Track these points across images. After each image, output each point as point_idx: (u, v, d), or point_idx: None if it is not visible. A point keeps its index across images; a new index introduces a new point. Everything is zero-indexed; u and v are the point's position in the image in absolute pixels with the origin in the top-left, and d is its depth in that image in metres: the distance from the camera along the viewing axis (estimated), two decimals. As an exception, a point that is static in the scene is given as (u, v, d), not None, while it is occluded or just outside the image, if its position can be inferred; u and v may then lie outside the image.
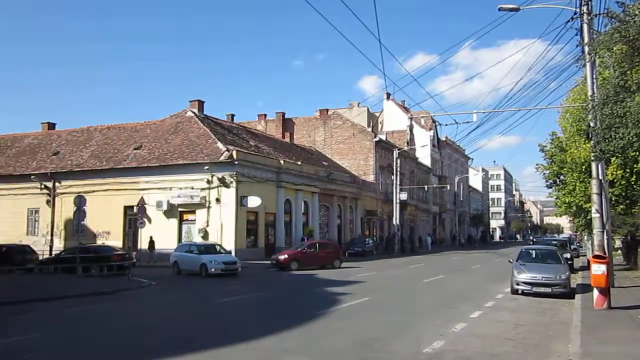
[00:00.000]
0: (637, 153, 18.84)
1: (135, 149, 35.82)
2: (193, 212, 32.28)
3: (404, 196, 53.71)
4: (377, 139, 54.73)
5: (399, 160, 52.91)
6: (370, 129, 56.66)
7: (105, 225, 33.68)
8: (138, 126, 39.26)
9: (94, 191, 32.75)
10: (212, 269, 22.90)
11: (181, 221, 32.80)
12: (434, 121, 70.55)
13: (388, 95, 68.29)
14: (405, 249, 50.50)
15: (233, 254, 28.59)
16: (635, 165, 22.31)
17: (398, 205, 51.55)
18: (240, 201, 31.42)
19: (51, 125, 45.48)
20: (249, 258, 30.12)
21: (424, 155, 68.17)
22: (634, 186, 23.53)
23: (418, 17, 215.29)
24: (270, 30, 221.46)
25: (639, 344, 9.33)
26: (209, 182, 31.50)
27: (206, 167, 31.16)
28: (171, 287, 20.36)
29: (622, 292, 16.20)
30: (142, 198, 29.13)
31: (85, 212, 26.98)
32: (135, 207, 29.85)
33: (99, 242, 32.25)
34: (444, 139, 78.02)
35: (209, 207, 31.59)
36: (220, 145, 32.59)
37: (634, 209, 23.58)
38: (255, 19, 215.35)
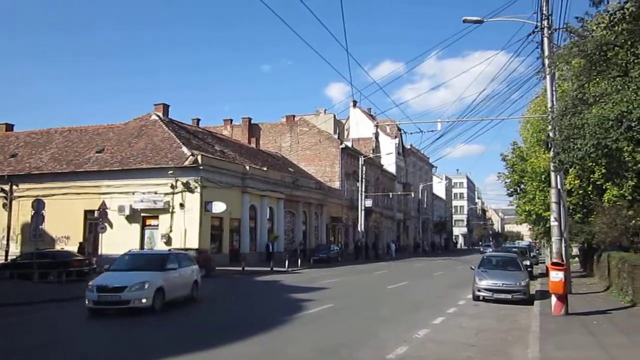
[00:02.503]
0: (594, 164, 19.45)
1: (97, 152, 35.07)
2: (156, 217, 31.75)
3: (369, 203, 54.11)
4: (343, 145, 55.04)
5: (364, 168, 53.31)
6: (336, 136, 56.95)
7: (65, 230, 32.80)
8: (100, 129, 38.48)
9: (53, 195, 31.89)
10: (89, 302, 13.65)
11: (144, 226, 32.23)
12: (399, 129, 71.29)
13: (355, 102, 68.79)
14: (369, 256, 50.79)
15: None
16: (592, 176, 23.02)
17: (363, 212, 51.88)
18: (205, 206, 31.09)
19: (9, 127, 44.18)
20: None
21: (389, 162, 68.84)
22: (591, 195, 24.29)
23: (385, 25, 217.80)
24: (238, 35, 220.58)
25: (593, 349, 9.61)
26: (173, 186, 31.07)
27: (170, 172, 30.74)
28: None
29: (579, 299, 16.66)
30: (103, 202, 28.52)
31: (44, 216, 26.26)
32: (96, 212, 29.20)
33: (58, 247, 31.36)
34: (409, 147, 78.97)
35: (172, 212, 31.13)
36: (185, 149, 32.22)
37: (591, 217, 24.31)
38: (222, 23, 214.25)
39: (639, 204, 22.00)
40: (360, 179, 52.76)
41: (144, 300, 13.22)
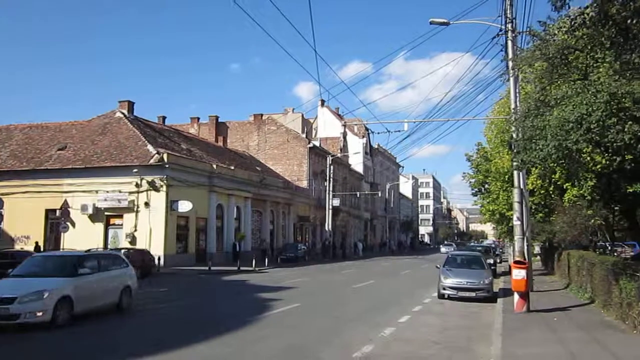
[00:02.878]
0: (555, 164, 19.90)
1: (59, 149, 34.22)
2: (120, 216, 31.18)
3: (336, 202, 54.31)
4: (311, 145, 55.08)
5: (332, 167, 53.48)
6: (304, 135, 56.95)
7: (25, 229, 31.86)
8: (63, 126, 37.54)
9: (12, 193, 30.92)
10: None
11: (107, 226, 31.61)
12: (366, 129, 71.72)
13: (323, 102, 68.97)
14: (337, 255, 50.97)
15: (162, 259, 27.89)
16: (553, 176, 23.58)
17: (330, 211, 52.04)
18: (171, 205, 30.68)
19: (-34, 123, 42.74)
20: (179, 264, 29.48)
21: (356, 162, 69.22)
22: (552, 195, 24.90)
23: (353, 24, 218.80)
24: (206, 32, 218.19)
25: (553, 344, 9.85)
26: (137, 185, 30.55)
27: (135, 170, 30.22)
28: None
29: (540, 296, 17.06)
30: (65, 201, 27.92)
31: (3, 215, 25.52)
32: (58, 211, 28.53)
33: (17, 247, 30.46)
34: (376, 146, 79.55)
35: (137, 212, 30.62)
36: (150, 147, 31.72)
37: (552, 217, 24.92)
38: (190, 20, 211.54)
39: (598, 203, 22.66)
40: (327, 178, 52.91)
41: (39, 314, 10.68)
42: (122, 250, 21.18)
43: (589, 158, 17.85)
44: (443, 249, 68.28)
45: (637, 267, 10.86)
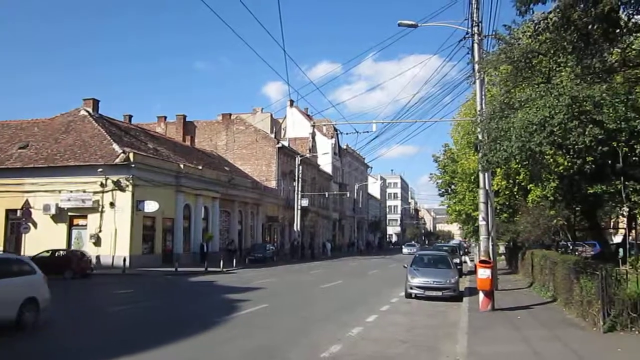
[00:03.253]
0: (519, 166, 20.36)
1: (20, 148, 33.26)
2: (85, 216, 30.50)
3: (305, 203, 54.31)
4: (279, 145, 54.95)
5: (301, 167, 53.47)
6: (273, 135, 56.78)
7: (-16, 230, 30.94)
8: (24, 124, 36.53)
9: (-29, 193, 30.00)
10: None
11: (71, 226, 30.89)
12: (335, 129, 72.02)
13: (292, 102, 68.87)
14: (305, 255, 50.97)
15: (127, 260, 27.42)
16: (517, 177, 24.09)
17: (299, 211, 52.00)
18: (137, 206, 30.16)
19: None
20: (145, 265, 29.02)
21: (325, 162, 69.35)
22: (516, 196, 25.43)
23: (323, 25, 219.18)
24: (174, 30, 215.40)
25: (517, 342, 10.07)
26: (102, 185, 29.95)
27: (100, 170, 29.61)
28: (60, 294, 19.02)
29: (505, 295, 17.40)
30: (27, 201, 27.17)
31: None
32: (19, 211, 27.74)
33: (-24, 248, 29.56)
34: (345, 147, 79.85)
35: (102, 212, 30.01)
36: (116, 146, 31.14)
37: (516, 217, 25.43)
38: (158, 18, 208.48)
39: (560, 204, 23.23)
40: (296, 178, 52.86)
41: None
42: (44, 253, 20.51)
43: (551, 160, 18.29)
44: (405, 250, 67.73)
45: (597, 267, 11.17)
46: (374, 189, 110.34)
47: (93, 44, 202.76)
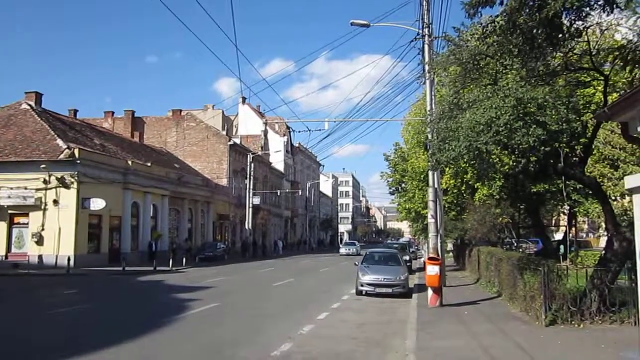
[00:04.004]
0: (467, 164, 20.85)
1: (-44, 142, 31.64)
2: (26, 214, 29.31)
3: (256, 200, 53.99)
4: (231, 142, 54.38)
5: (252, 165, 53.12)
6: (224, 132, 56.15)
7: None
8: (-40, 117, 34.76)
9: None
10: None
11: (11, 224, 29.63)
12: (288, 127, 71.96)
13: (244, 99, 68.23)
14: (257, 253, 50.69)
15: (72, 260, 26.55)
16: (465, 176, 24.68)
17: (251, 209, 51.66)
18: (82, 203, 29.21)
19: None
20: (90, 264, 28.15)
21: (277, 160, 69.15)
22: (464, 194, 26.07)
23: (276, 24, 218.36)
24: (123, 23, 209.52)
25: (464, 337, 10.32)
26: (46, 181, 28.84)
27: (43, 166, 28.51)
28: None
29: (452, 291, 17.81)
30: (-37, 198, 25.91)
31: None
32: (-46, 209, 26.44)
33: None
34: (297, 145, 79.87)
35: (45, 210, 28.91)
36: (60, 142, 30.05)
37: (463, 215, 26.08)
38: (106, 11, 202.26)
39: (505, 202, 23.97)
40: (248, 176, 52.49)
41: None
42: None
43: (497, 159, 18.82)
44: (343, 250, 56.94)
45: (540, 263, 11.59)
46: (325, 187, 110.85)
47: (36, 35, 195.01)
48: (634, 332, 9.92)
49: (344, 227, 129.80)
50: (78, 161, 29.10)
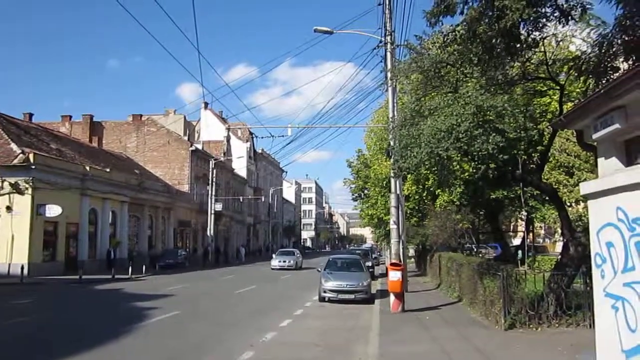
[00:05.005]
0: (428, 171, 21.14)
1: None
2: (-23, 221, 28.19)
3: (219, 207, 53.44)
4: (193, 148, 53.73)
5: (215, 171, 52.57)
6: (186, 138, 55.46)
7: None
8: None
9: None
10: None
11: (-40, 232, 28.44)
12: (251, 133, 71.46)
13: (206, 104, 67.56)
14: (219, 260, 50.08)
15: (26, 269, 25.66)
16: (426, 183, 25.02)
17: (213, 216, 51.09)
18: (37, 210, 28.27)
19: None
20: (46, 273, 27.27)
21: (240, 166, 68.66)
22: (425, 201, 26.42)
23: (239, 30, 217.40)
24: (82, 25, 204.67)
25: (426, 341, 10.41)
26: (-2, 187, 27.82)
27: (-5, 171, 27.51)
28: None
29: (414, 296, 17.96)
30: None
31: None
32: None
33: None
34: (260, 151, 79.51)
35: (-3, 216, 27.86)
36: (14, 146, 29.06)
37: (425, 221, 26.41)
38: (66, 11, 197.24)
39: (465, 208, 24.39)
40: (210, 182, 51.92)
41: None
42: None
43: (458, 166, 19.14)
44: (275, 262, 39.36)
45: (499, 268, 11.80)
46: (288, 193, 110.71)
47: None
48: (589, 334, 10.17)
49: (307, 234, 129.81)
50: (33, 166, 28.18)
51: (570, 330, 10.88)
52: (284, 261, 38.92)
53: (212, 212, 51.07)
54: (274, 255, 43.31)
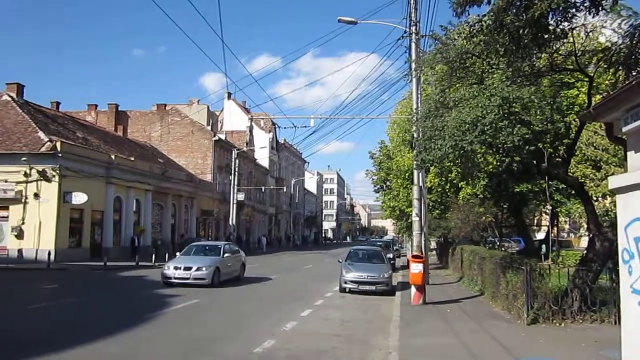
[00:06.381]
0: (452, 164, 20.96)
1: None
2: (6, 207, 28.80)
3: (241, 197, 53.78)
4: (216, 138, 54.03)
5: (237, 161, 52.86)
6: (209, 128, 55.77)
7: None
8: (-61, 108, 34.07)
9: None
10: None
11: (-9, 218, 29.15)
12: (273, 124, 71.60)
13: (229, 94, 67.81)
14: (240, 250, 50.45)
15: (52, 254, 26.21)
16: (449, 175, 24.81)
17: (235, 205, 51.44)
18: (64, 197, 28.81)
19: None
20: (71, 259, 27.81)
21: (262, 156, 68.90)
22: (448, 193, 26.22)
23: (263, 20, 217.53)
24: (108, 16, 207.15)
25: (447, 335, 10.36)
26: (26, 175, 28.37)
27: (24, 159, 28.04)
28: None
29: (436, 289, 17.87)
30: (-59, 190, 25.41)
31: None
32: None
33: None
34: (282, 141, 79.65)
35: (25, 203, 28.44)
36: (42, 134, 29.60)
37: (447, 213, 26.22)
38: (92, 1, 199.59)
39: (489, 202, 24.15)
40: (233, 172, 52.22)
41: None
42: None
43: (482, 159, 18.93)
44: (170, 271, 18.95)
45: (522, 262, 11.67)
46: (310, 184, 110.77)
47: (21, 28, 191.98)
48: (614, 331, 10.01)
49: (328, 225, 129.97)
50: (60, 154, 28.69)
51: (594, 326, 10.72)
52: (190, 268, 18.85)
53: (235, 201, 51.42)
54: (178, 255, 22.43)
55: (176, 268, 18.87)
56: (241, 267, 22.43)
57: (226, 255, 20.84)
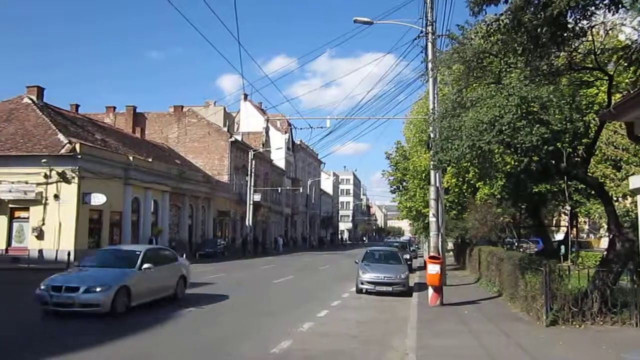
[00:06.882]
0: (469, 164, 20.82)
1: (-43, 136, 31.59)
2: (27, 209, 29.26)
3: (257, 197, 53.97)
4: (232, 139, 54.30)
5: (254, 162, 53.08)
6: (226, 129, 56.07)
7: None
8: (-38, 111, 34.69)
9: None
10: None
11: (12, 219, 29.56)
12: (289, 124, 71.77)
13: (245, 96, 68.07)
14: (257, 250, 50.69)
15: (72, 255, 26.54)
16: (467, 175, 24.64)
17: (251, 206, 51.65)
18: (83, 198, 29.17)
19: None
20: (90, 259, 28.10)
21: (278, 157, 69.07)
22: (465, 194, 26.04)
23: (279, 21, 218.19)
24: (125, 18, 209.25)
25: (465, 336, 10.29)
26: (46, 176, 28.78)
27: (44, 160, 28.45)
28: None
29: (453, 290, 17.74)
30: (-36, 192, 25.85)
31: None
32: (-46, 202, 26.38)
33: None
34: (298, 142, 79.77)
35: (45, 204, 28.85)
36: (61, 136, 30.00)
37: (465, 214, 26.04)
38: (107, 3, 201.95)
39: (507, 202, 23.93)
40: (249, 173, 52.45)
41: None
42: None
43: (500, 159, 18.78)
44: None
45: (541, 263, 11.53)
46: (326, 184, 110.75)
47: (38, 31, 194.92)
48: (635, 333, 9.90)
49: (344, 226, 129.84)
50: (79, 156, 29.06)
51: (615, 328, 10.57)
52: (75, 289, 12.01)
53: (251, 202, 51.63)
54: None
55: (55, 289, 11.94)
56: (179, 282, 15.30)
57: (146, 266, 13.43)
